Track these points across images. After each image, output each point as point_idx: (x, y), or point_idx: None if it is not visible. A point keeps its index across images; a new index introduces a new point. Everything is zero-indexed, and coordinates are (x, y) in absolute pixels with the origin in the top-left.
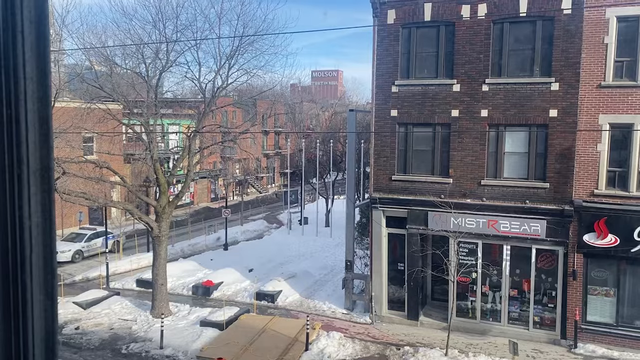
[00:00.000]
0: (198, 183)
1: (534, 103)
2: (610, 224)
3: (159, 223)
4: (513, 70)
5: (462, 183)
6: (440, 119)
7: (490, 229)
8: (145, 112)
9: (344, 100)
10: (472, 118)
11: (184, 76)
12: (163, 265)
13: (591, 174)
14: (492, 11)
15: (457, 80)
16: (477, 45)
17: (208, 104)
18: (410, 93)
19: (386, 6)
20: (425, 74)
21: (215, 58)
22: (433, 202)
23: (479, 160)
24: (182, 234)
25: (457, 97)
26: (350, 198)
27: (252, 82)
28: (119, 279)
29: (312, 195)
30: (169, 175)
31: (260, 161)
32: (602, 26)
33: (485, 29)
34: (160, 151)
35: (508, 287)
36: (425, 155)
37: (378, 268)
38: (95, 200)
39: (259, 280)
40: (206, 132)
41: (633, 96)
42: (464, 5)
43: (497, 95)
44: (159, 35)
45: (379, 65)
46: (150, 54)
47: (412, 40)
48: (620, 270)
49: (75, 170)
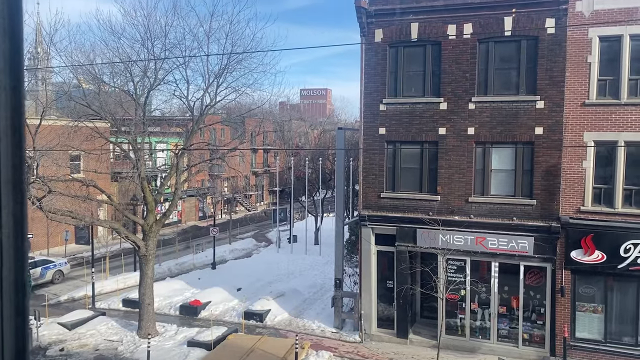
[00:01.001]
0: (186, 201)
1: (519, 121)
2: (596, 240)
3: (146, 242)
4: (499, 89)
5: (450, 200)
6: (427, 136)
7: (479, 246)
8: (133, 130)
9: (332, 119)
10: (459, 136)
11: (172, 94)
12: (150, 285)
13: (577, 191)
14: (478, 31)
15: (444, 99)
16: (463, 64)
17: (196, 121)
18: (398, 111)
19: (373, 26)
20: (412, 92)
21: (203, 76)
22: (421, 220)
23: (467, 177)
24: (169, 253)
25: (444, 115)
26: (340, 216)
27: (241, 100)
28: (105, 298)
29: (301, 213)
30: (156, 194)
31: (249, 179)
32: (585, 45)
33: (471, 48)
34: (148, 169)
35: (497, 304)
36: (414, 172)
37: (367, 286)
38: (81, 219)
39: (247, 300)
40: (194, 150)
41: (616, 114)
42: (449, 25)
43: (484, 113)
44: (147, 53)
45: (367, 83)
46: (139, 72)
47: (400, 58)
48: (607, 286)
49: (62, 188)
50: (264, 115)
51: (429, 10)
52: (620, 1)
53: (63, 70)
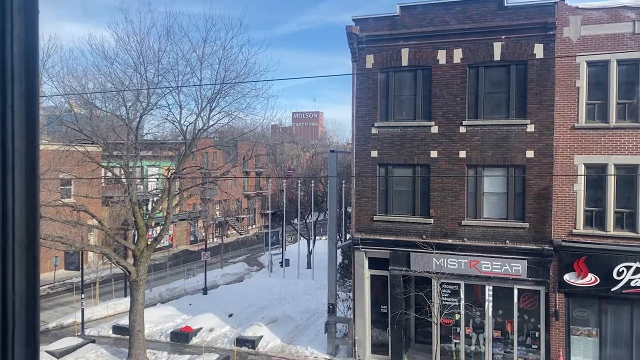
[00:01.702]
0: (177, 225)
1: (510, 144)
2: (589, 263)
3: (136, 267)
4: (489, 113)
5: (443, 223)
6: (419, 159)
7: (472, 270)
8: (124, 155)
9: (324, 141)
10: (450, 159)
11: (165, 118)
12: (140, 311)
13: (569, 214)
14: (468, 56)
15: (435, 122)
16: (454, 88)
17: (189, 145)
18: (390, 134)
19: (364, 52)
20: (404, 116)
21: (196, 101)
22: (415, 243)
23: (459, 200)
24: (160, 278)
25: (435, 139)
26: (332, 239)
27: (233, 123)
28: (94, 325)
29: (293, 236)
30: (147, 218)
31: (241, 202)
32: (574, 70)
33: (461, 73)
34: (139, 193)
35: (491, 329)
36: (406, 195)
37: (361, 311)
38: (72, 245)
39: (239, 326)
40: (187, 174)
41: (605, 137)
42: (439, 51)
43: (475, 137)
44: (140, 78)
45: (358, 107)
46: (131, 96)
47: (391, 83)
48: (601, 309)
49: (52, 214)
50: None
51: (419, 37)
52: (607, 27)
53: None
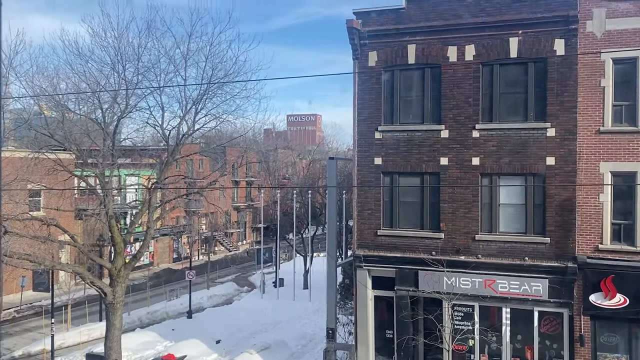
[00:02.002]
0: (159, 241)
1: (529, 150)
2: (618, 282)
3: (113, 288)
4: (505, 115)
5: (454, 238)
6: (428, 167)
7: (488, 290)
8: (100, 163)
9: (323, 147)
10: (462, 166)
11: (145, 122)
12: (117, 337)
13: (595, 227)
14: (481, 53)
15: (445, 126)
16: (466, 88)
17: (172, 152)
18: (395, 139)
19: (367, 48)
20: (410, 119)
21: (180, 102)
22: (424, 260)
23: (472, 212)
24: (139, 300)
25: (445, 144)
26: (332, 256)
27: (222, 128)
28: (66, 353)
29: (288, 253)
30: (125, 233)
31: (230, 215)
32: (598, 68)
33: (474, 72)
34: (117, 206)
35: (509, 356)
36: (414, 207)
37: (364, 337)
38: (41, 263)
39: (227, 354)
40: (169, 184)
41: (634, 142)
42: (450, 47)
43: (489, 142)
44: (117, 78)
45: (360, 109)
46: (108, 98)
47: (396, 83)
48: (632, 334)
49: (19, 228)
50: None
51: (428, 31)
52: (635, 21)
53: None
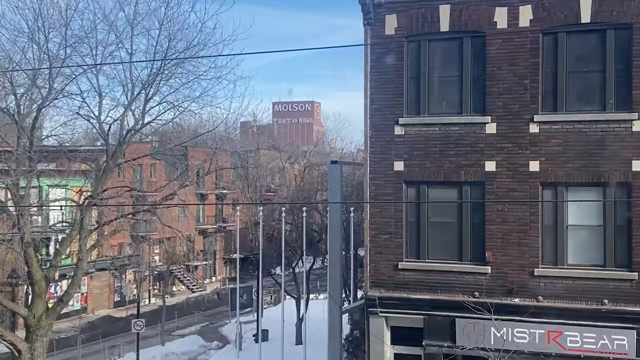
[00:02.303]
0: (94, 278)
1: (608, 151)
2: None
3: (31, 344)
4: (575, 103)
5: (505, 273)
6: (468, 175)
7: (553, 345)
8: (13, 169)
9: (322, 147)
10: (516, 174)
11: (76, 113)
12: None
13: None
14: (541, 17)
15: (492, 118)
16: (520, 66)
17: (112, 154)
18: (423, 136)
19: (384, 9)
20: (443, 108)
21: (125, 86)
22: (463, 304)
23: (530, 238)
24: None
25: (492, 143)
26: (335, 298)
27: (182, 120)
28: None
29: (275, 294)
30: (48, 267)
31: (194, 242)
32: None
33: (532, 43)
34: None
35: None
36: (449, 230)
37: None
38: None
39: None
40: (109, 199)
41: None
42: (498, 9)
43: (553, 140)
44: (38, 51)
45: (374, 95)
46: (24, 79)
47: (423, 58)
48: None
49: None
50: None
51: None
52: None
53: None
